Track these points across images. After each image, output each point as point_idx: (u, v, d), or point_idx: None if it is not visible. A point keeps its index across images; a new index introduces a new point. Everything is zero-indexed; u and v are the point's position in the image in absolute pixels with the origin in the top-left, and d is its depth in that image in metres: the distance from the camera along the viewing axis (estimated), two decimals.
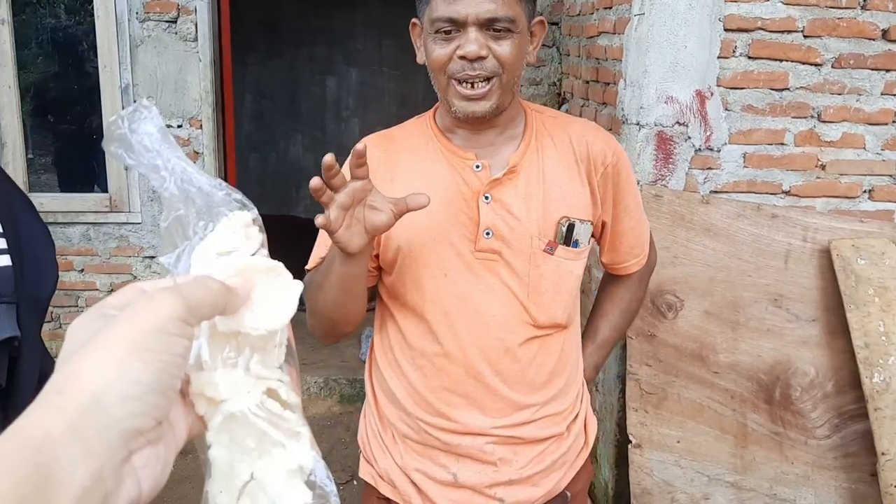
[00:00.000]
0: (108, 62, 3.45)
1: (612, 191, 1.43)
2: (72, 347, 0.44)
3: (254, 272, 0.53)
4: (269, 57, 6.52)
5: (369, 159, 1.38)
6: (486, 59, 1.25)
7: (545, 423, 1.42)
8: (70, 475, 0.38)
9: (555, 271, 1.36)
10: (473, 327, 1.35)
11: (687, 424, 2.39)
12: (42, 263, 1.34)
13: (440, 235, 1.34)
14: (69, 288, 3.66)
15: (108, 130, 0.54)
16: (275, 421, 0.52)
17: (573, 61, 3.49)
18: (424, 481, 1.41)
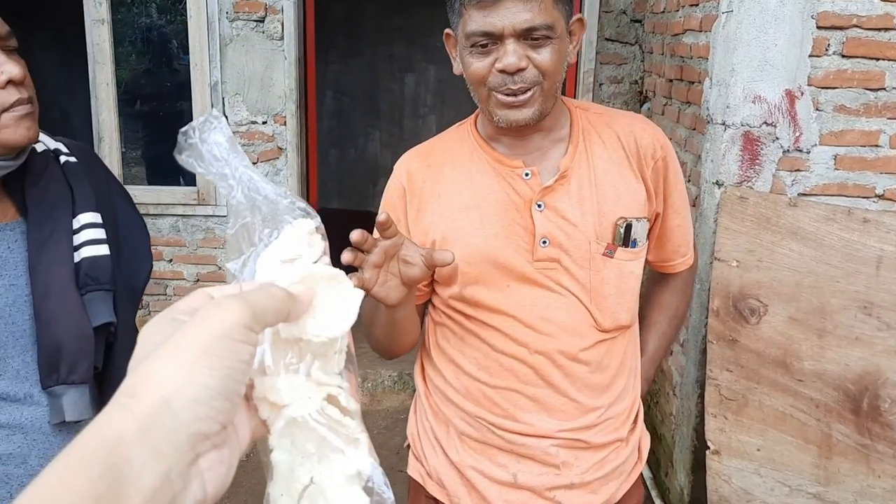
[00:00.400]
0: (198, 60, 3.58)
1: (663, 186, 1.38)
2: (143, 351, 0.46)
3: (316, 280, 0.54)
4: (349, 55, 6.63)
5: (411, 176, 1.40)
6: (525, 70, 1.21)
7: (608, 426, 1.39)
8: (141, 476, 0.39)
9: (616, 274, 1.33)
10: (542, 333, 1.33)
11: (768, 432, 2.33)
12: (138, 254, 1.40)
13: (496, 249, 1.32)
14: (158, 277, 3.82)
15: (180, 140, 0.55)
16: (334, 427, 0.53)
17: (656, 59, 3.43)
18: (480, 479, 1.39)
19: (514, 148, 1.35)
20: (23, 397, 1.17)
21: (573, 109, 1.38)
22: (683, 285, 1.58)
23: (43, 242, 1.20)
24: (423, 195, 1.38)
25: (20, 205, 1.23)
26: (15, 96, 1.12)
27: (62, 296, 1.19)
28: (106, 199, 1.33)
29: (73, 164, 1.30)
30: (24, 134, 1.13)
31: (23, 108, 1.12)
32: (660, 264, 1.52)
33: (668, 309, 1.58)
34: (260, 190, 0.57)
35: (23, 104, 1.13)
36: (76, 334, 1.18)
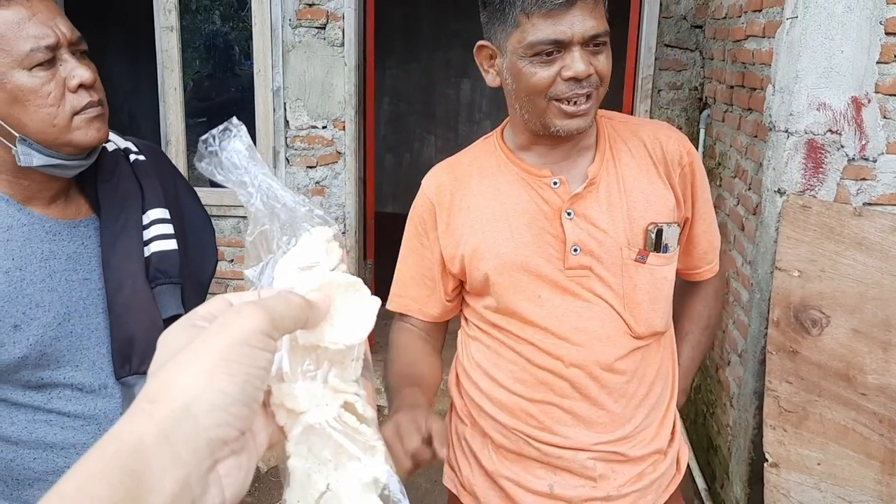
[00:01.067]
0: (262, 66, 3.67)
1: (690, 192, 1.38)
2: (163, 357, 0.46)
3: (334, 287, 0.54)
4: (406, 60, 6.69)
5: (440, 190, 1.40)
6: (591, 77, 1.22)
7: (646, 437, 1.38)
8: (160, 481, 0.39)
9: (649, 280, 1.32)
10: (575, 343, 1.32)
11: (829, 446, 2.28)
12: (204, 248, 1.44)
13: (527, 259, 1.31)
14: (220, 276, 3.91)
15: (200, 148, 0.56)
16: (351, 434, 0.53)
17: (717, 65, 3.39)
18: (515, 489, 1.39)
19: (542, 157, 1.35)
20: (98, 388, 1.22)
21: (598, 118, 1.38)
22: (714, 294, 1.56)
23: (115, 238, 1.25)
24: (452, 209, 1.38)
25: (93, 202, 1.28)
26: (86, 99, 1.16)
27: (134, 289, 1.23)
28: (173, 195, 1.38)
29: (143, 162, 1.34)
30: (95, 135, 1.18)
31: (93, 110, 1.17)
32: (686, 272, 1.51)
33: (700, 318, 1.55)
34: (279, 198, 0.57)
35: (93, 106, 1.17)
36: (147, 326, 1.22)
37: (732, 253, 2.89)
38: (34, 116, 1.13)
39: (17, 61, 1.10)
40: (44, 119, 1.13)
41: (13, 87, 1.10)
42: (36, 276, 1.17)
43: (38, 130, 1.14)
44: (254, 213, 0.56)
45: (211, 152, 0.56)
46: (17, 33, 1.10)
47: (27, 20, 1.10)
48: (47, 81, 1.12)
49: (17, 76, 1.10)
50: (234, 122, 0.57)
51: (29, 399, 1.17)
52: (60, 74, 1.14)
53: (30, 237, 1.18)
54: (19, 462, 1.18)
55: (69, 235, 1.23)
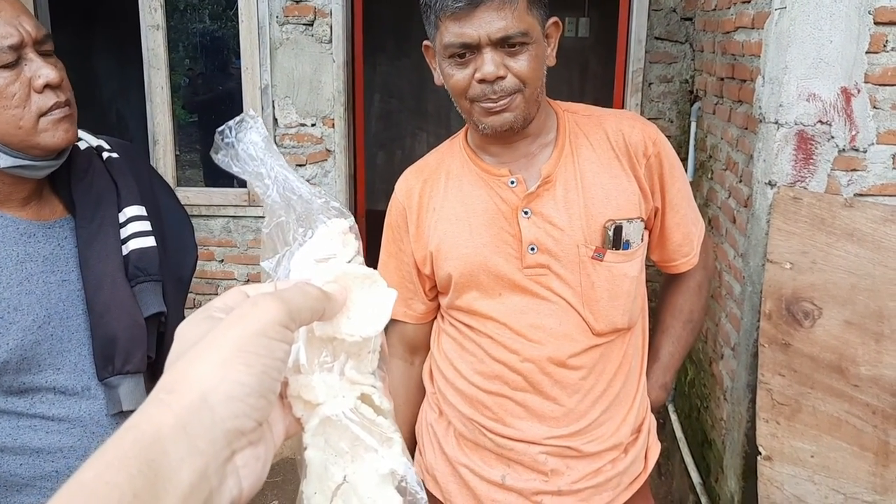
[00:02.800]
0: (249, 64, 3.64)
1: (658, 183, 1.36)
2: (180, 348, 0.46)
3: (350, 279, 0.54)
4: (397, 57, 6.67)
5: (409, 193, 1.43)
6: (504, 79, 1.22)
7: (603, 433, 1.38)
8: (178, 471, 0.39)
9: (607, 277, 1.32)
10: (531, 340, 1.33)
11: (822, 439, 2.27)
12: (183, 244, 1.43)
13: (486, 258, 1.33)
14: (210, 277, 3.89)
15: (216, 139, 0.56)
16: (368, 426, 0.53)
17: (707, 58, 3.38)
18: (471, 476, 1.42)
19: (500, 156, 1.35)
20: (80, 390, 1.20)
21: (560, 112, 1.37)
22: (697, 287, 1.54)
23: (92, 237, 1.23)
24: (421, 211, 1.41)
25: (67, 202, 1.26)
26: (52, 100, 1.14)
27: (113, 288, 1.22)
28: (148, 192, 1.36)
29: (116, 159, 1.33)
30: (63, 136, 1.16)
31: (60, 111, 1.15)
32: (663, 264, 1.50)
33: (682, 312, 1.54)
34: (295, 189, 0.57)
35: (60, 107, 1.15)
36: (129, 325, 1.21)
37: (724, 246, 2.89)
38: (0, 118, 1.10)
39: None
40: (9, 121, 1.10)
41: None
42: (12, 280, 1.15)
43: (3, 132, 1.11)
44: (270, 205, 0.57)
45: (227, 144, 0.56)
46: None
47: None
48: (11, 82, 1.10)
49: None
50: (251, 114, 0.58)
51: (11, 405, 1.15)
52: (25, 75, 1.11)
53: (3, 240, 1.16)
54: (6, 469, 1.16)
55: (45, 237, 1.21)
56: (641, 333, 1.46)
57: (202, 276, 3.85)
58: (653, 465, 1.49)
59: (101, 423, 1.22)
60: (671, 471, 3.37)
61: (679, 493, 3.20)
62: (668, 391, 1.56)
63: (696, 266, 1.49)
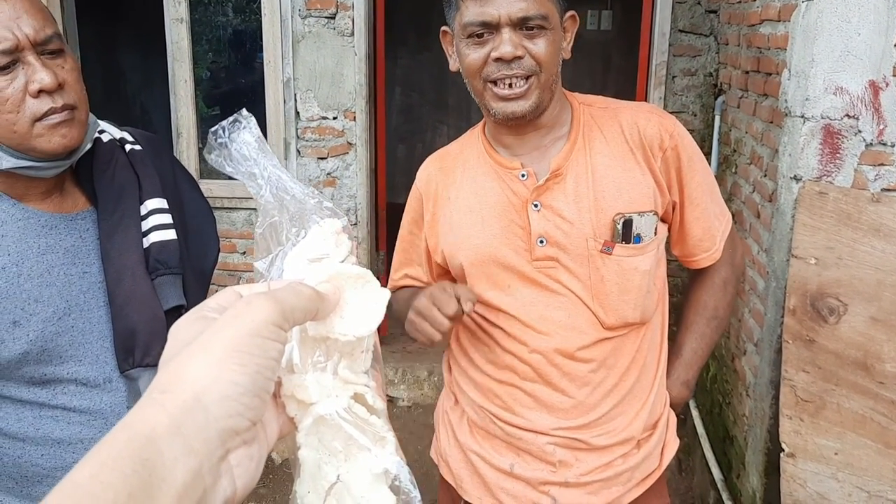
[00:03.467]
0: (272, 57, 3.66)
1: (676, 177, 1.34)
2: (174, 348, 0.46)
3: (343, 279, 0.54)
4: (418, 50, 6.66)
5: (428, 180, 1.46)
6: (522, 59, 1.22)
7: (614, 426, 1.37)
8: (172, 471, 0.39)
9: (616, 271, 1.31)
10: (539, 332, 1.34)
11: (847, 436, 2.25)
12: (205, 237, 1.43)
13: (496, 250, 1.34)
14: (232, 269, 3.92)
15: (209, 139, 0.56)
16: (361, 425, 0.53)
17: (732, 50, 3.34)
18: (481, 464, 1.43)
19: (513, 148, 1.35)
20: (102, 382, 1.21)
21: (576, 105, 1.37)
22: (722, 284, 1.50)
23: (113, 229, 1.24)
24: (438, 200, 1.42)
25: (90, 194, 1.27)
26: (47, 105, 1.11)
27: (134, 281, 1.22)
28: (171, 185, 1.36)
29: (139, 151, 1.33)
30: (59, 142, 1.14)
31: (57, 115, 1.12)
32: (684, 259, 1.48)
33: (706, 309, 1.51)
34: (288, 189, 0.57)
35: (56, 112, 1.12)
36: (149, 318, 1.21)
37: (748, 241, 2.86)
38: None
39: None
40: (3, 125, 1.10)
41: None
42: (34, 271, 1.15)
43: (1, 136, 1.11)
44: (263, 205, 0.57)
45: (220, 144, 0.56)
46: None
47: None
48: (5, 87, 1.08)
49: None
50: (244, 114, 0.58)
51: (33, 395, 1.16)
52: (20, 79, 1.10)
53: (25, 232, 1.17)
54: (27, 459, 1.17)
55: (66, 229, 1.22)
56: (660, 329, 1.45)
57: (224, 268, 3.88)
58: (668, 462, 1.48)
59: (122, 416, 1.22)
60: (692, 467, 3.35)
61: (700, 490, 3.18)
62: (691, 388, 1.54)
63: (721, 262, 1.47)
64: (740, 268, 1.54)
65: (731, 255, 1.49)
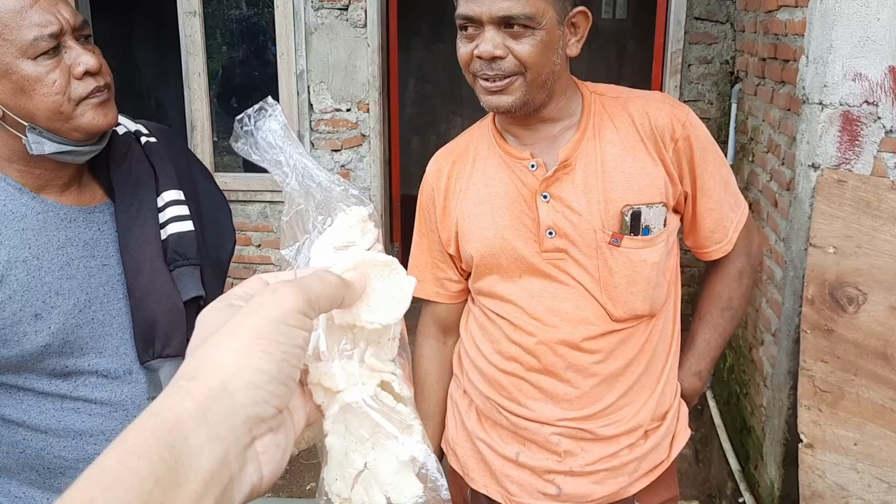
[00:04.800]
0: (285, 49, 3.66)
1: (688, 167, 1.32)
2: (201, 335, 0.47)
3: (370, 267, 0.54)
4: (432, 41, 6.64)
5: (438, 175, 1.45)
6: (504, 59, 1.21)
7: (621, 417, 1.37)
8: (199, 458, 0.40)
9: (625, 263, 1.30)
10: (546, 324, 1.34)
11: (866, 426, 2.23)
12: (221, 228, 1.44)
13: (506, 241, 1.34)
14: (248, 262, 3.93)
15: (235, 128, 0.56)
16: (388, 413, 0.53)
17: (748, 37, 3.31)
18: (488, 451, 1.45)
19: (523, 139, 1.35)
20: (122, 374, 1.22)
21: (588, 94, 1.35)
22: (738, 275, 1.49)
23: (131, 221, 1.25)
24: (448, 193, 1.42)
25: (107, 187, 1.28)
26: (92, 86, 1.15)
27: (152, 272, 1.23)
28: (187, 176, 1.37)
29: (154, 144, 1.34)
30: (103, 120, 1.17)
31: (100, 94, 1.16)
32: (697, 250, 1.47)
33: (720, 300, 1.50)
34: (314, 177, 0.57)
35: (100, 91, 1.16)
36: (168, 309, 1.22)
37: (766, 230, 2.83)
38: (41, 105, 1.11)
39: (22, 51, 1.08)
40: (50, 108, 1.12)
41: (19, 78, 1.09)
42: (54, 264, 1.17)
43: (46, 119, 1.13)
44: (289, 193, 0.57)
45: (246, 132, 0.57)
46: (19, 22, 1.08)
47: (29, 8, 1.09)
48: (52, 70, 1.11)
49: (22, 66, 1.09)
50: (269, 102, 0.58)
51: (55, 388, 1.17)
52: (65, 62, 1.12)
53: (45, 225, 1.18)
54: (50, 451, 1.19)
55: (85, 222, 1.23)
56: (671, 320, 1.44)
57: (240, 260, 3.90)
58: (677, 452, 1.47)
59: (143, 407, 1.22)
60: (709, 457, 3.33)
61: (717, 481, 3.17)
62: (704, 379, 1.52)
63: (736, 252, 1.45)
64: (757, 258, 1.52)
65: (747, 245, 1.47)
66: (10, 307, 1.12)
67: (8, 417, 1.17)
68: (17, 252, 1.14)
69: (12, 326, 1.12)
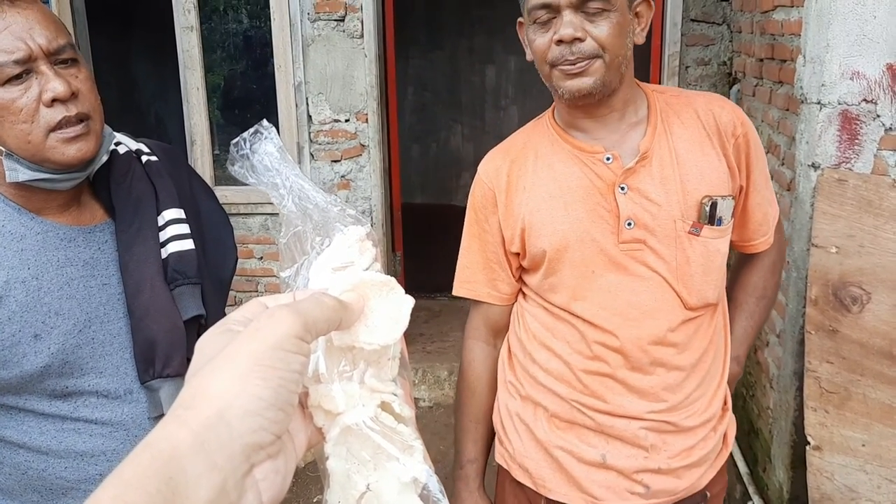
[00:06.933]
0: (282, 62, 3.66)
1: (745, 163, 1.38)
2: (199, 362, 0.46)
3: (368, 287, 0.54)
4: (430, 49, 6.64)
5: (497, 173, 1.44)
6: (583, 42, 1.23)
7: (698, 407, 1.40)
8: (196, 489, 0.39)
9: (702, 252, 1.34)
10: (629, 318, 1.35)
11: (874, 427, 2.21)
12: (223, 247, 1.43)
13: (582, 233, 1.34)
14: (250, 274, 3.93)
15: (231, 151, 0.56)
16: (389, 434, 0.53)
17: (745, 38, 3.30)
18: (568, 459, 1.42)
19: (592, 132, 1.36)
20: (123, 394, 1.21)
21: (650, 93, 1.39)
22: (772, 265, 1.55)
23: (131, 241, 1.24)
24: (510, 190, 1.42)
25: (107, 206, 1.27)
26: (61, 114, 1.11)
27: (153, 291, 1.22)
28: (188, 195, 1.37)
29: (155, 162, 1.33)
30: (73, 154, 1.14)
31: (73, 129, 1.12)
32: (741, 244, 1.51)
33: (755, 289, 1.56)
34: (311, 198, 0.57)
35: (71, 123, 1.12)
36: (168, 328, 1.21)
37: None
38: (10, 132, 1.10)
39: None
40: (18, 136, 1.10)
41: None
42: (53, 284, 1.16)
43: (16, 147, 1.11)
44: (287, 215, 0.57)
45: (242, 156, 0.57)
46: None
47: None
48: (19, 97, 1.08)
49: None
50: (265, 125, 0.58)
51: (56, 409, 1.17)
52: (34, 89, 1.09)
53: (44, 245, 1.17)
54: (51, 472, 1.18)
55: (85, 241, 1.22)
56: (723, 311, 1.48)
57: (242, 273, 3.89)
58: (732, 440, 1.51)
59: (144, 427, 1.23)
60: None
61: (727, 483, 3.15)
62: (742, 364, 1.58)
63: (771, 245, 1.52)
64: (784, 251, 1.60)
65: (779, 238, 1.55)
66: (9, 328, 1.11)
67: (9, 439, 1.17)
68: (17, 272, 1.13)
69: (12, 347, 1.11)
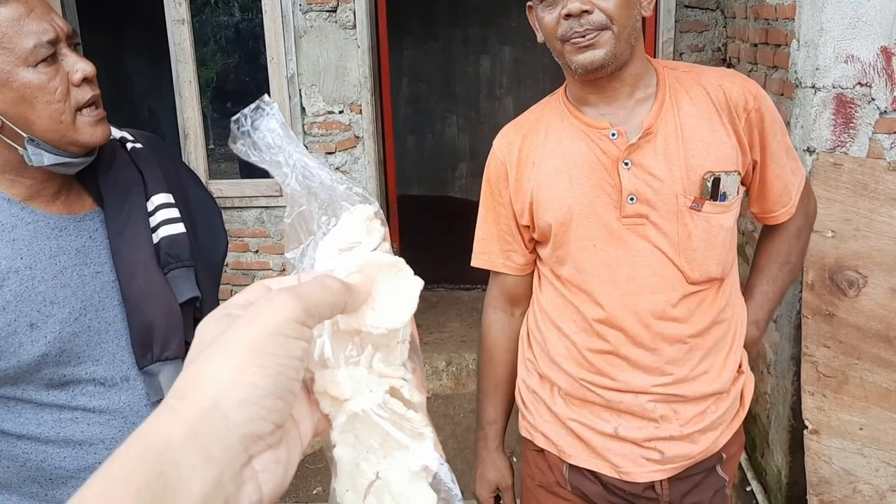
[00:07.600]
0: (274, 54, 3.64)
1: (759, 136, 1.38)
2: (198, 347, 0.45)
3: (375, 268, 0.52)
4: (424, 40, 6.63)
5: (510, 148, 1.46)
6: (591, 14, 1.24)
7: (705, 379, 1.41)
8: (189, 482, 0.38)
9: (704, 227, 1.35)
10: (628, 293, 1.37)
11: (871, 410, 2.22)
12: (213, 230, 1.44)
13: (586, 208, 1.37)
14: (246, 268, 3.92)
15: (233, 128, 0.54)
16: (398, 421, 0.51)
17: (739, 23, 3.29)
18: (584, 430, 1.46)
19: (600, 108, 1.38)
20: (120, 381, 1.21)
21: (661, 69, 1.40)
22: (797, 232, 1.55)
23: (122, 227, 1.24)
24: (521, 165, 1.45)
25: (96, 195, 1.28)
26: (89, 93, 1.15)
27: (147, 276, 1.22)
28: (175, 180, 1.37)
29: (140, 149, 1.34)
30: (100, 135, 1.18)
31: (97, 111, 1.17)
32: (763, 216, 1.52)
33: (778, 255, 1.56)
34: (315, 176, 0.55)
35: (97, 103, 1.17)
36: (164, 312, 1.22)
37: None
38: (42, 114, 1.12)
39: (22, 59, 1.08)
40: (52, 115, 1.12)
41: (20, 86, 1.09)
42: (47, 273, 1.16)
43: (45, 128, 1.13)
44: (291, 195, 0.54)
45: (244, 132, 0.54)
46: (17, 30, 1.08)
47: (25, 16, 1.09)
48: (52, 77, 1.11)
49: (23, 74, 1.09)
50: (266, 101, 0.56)
51: (53, 398, 1.17)
52: (63, 69, 1.13)
53: (36, 235, 1.17)
54: (50, 462, 1.18)
55: (76, 230, 1.23)
56: (732, 283, 1.49)
57: (238, 267, 3.89)
58: (749, 399, 1.53)
59: (141, 414, 1.22)
60: None
61: None
62: (762, 328, 1.59)
63: (796, 212, 1.52)
64: (813, 216, 1.60)
65: (806, 205, 1.54)
66: (4, 318, 1.11)
67: (7, 431, 1.17)
68: (10, 263, 1.13)
69: (8, 337, 1.11)
